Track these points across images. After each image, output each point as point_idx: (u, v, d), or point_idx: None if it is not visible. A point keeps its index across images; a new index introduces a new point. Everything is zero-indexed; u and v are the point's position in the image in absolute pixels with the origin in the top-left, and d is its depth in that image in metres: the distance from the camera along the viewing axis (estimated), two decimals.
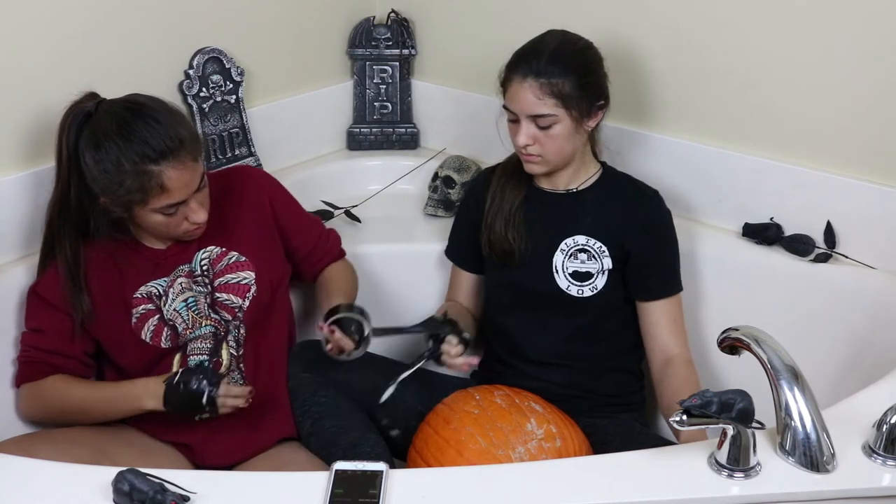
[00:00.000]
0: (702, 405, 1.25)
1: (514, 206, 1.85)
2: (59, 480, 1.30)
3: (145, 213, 1.61)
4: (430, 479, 1.35)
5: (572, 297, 1.82)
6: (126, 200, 1.59)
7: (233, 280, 1.76)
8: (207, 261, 1.76)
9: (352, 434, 1.73)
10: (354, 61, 2.50)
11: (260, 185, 1.87)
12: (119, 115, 1.59)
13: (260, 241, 1.82)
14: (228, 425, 1.74)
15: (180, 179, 1.58)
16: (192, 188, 1.61)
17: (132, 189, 1.57)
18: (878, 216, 1.87)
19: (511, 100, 1.74)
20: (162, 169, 1.56)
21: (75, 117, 1.62)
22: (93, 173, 1.59)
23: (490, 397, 1.73)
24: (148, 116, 1.58)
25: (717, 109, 2.03)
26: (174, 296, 1.73)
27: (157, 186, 1.56)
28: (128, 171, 1.55)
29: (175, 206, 1.61)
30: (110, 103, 1.63)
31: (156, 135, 1.56)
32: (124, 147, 1.55)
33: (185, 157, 1.58)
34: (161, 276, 1.74)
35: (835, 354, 1.87)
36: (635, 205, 1.84)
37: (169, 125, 1.58)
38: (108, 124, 1.58)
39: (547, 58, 1.70)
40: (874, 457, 1.33)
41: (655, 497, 1.28)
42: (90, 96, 1.65)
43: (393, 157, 2.50)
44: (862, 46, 1.82)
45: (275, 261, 1.85)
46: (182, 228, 1.67)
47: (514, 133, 1.75)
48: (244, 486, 1.32)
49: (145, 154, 1.55)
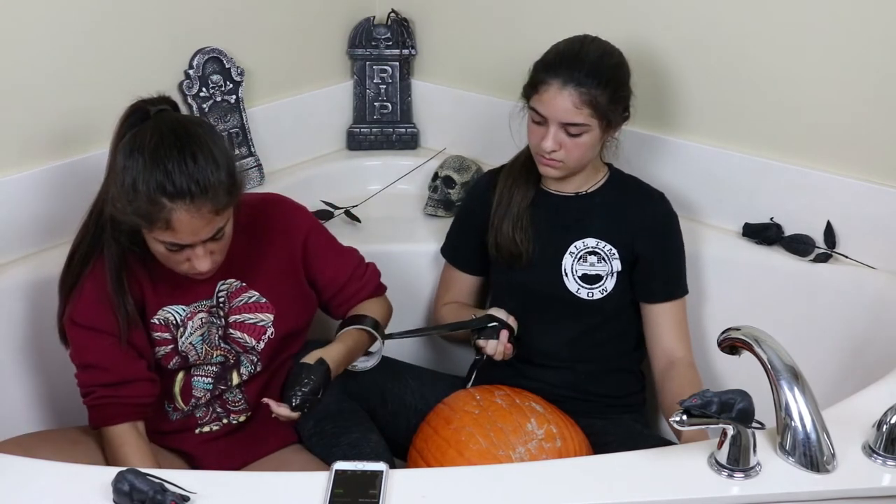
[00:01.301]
0: (702, 405, 1.25)
1: (521, 209, 1.85)
2: (59, 480, 1.29)
3: (149, 238, 1.52)
4: (430, 479, 1.35)
5: (582, 299, 1.82)
6: (131, 220, 1.49)
7: (250, 320, 1.68)
8: (225, 294, 1.67)
9: (353, 434, 1.73)
10: (354, 61, 2.50)
11: (296, 224, 1.74)
12: (164, 133, 1.46)
13: (284, 283, 1.71)
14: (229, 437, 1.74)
15: (189, 224, 1.46)
16: (200, 237, 1.49)
17: (139, 212, 1.46)
18: (878, 216, 1.87)
19: (544, 103, 1.71)
20: (174, 207, 1.44)
21: (131, 115, 1.51)
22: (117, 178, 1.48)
23: (490, 397, 1.73)
24: (187, 150, 1.45)
25: (717, 110, 2.03)
26: (192, 330, 1.65)
27: (163, 221, 1.45)
28: (142, 193, 1.44)
29: (179, 247, 1.50)
30: (166, 116, 1.50)
31: (183, 172, 1.43)
32: (149, 169, 1.43)
33: (202, 206, 1.45)
34: (179, 302, 1.64)
35: (835, 354, 1.87)
36: (643, 207, 1.84)
37: (204, 167, 1.45)
38: (148, 138, 1.45)
39: (588, 68, 1.69)
40: (874, 457, 1.33)
41: (655, 497, 1.28)
42: (160, 99, 1.54)
43: (393, 157, 2.49)
44: (862, 46, 1.82)
45: (297, 304, 1.74)
46: (182, 268, 1.55)
47: (539, 136, 1.74)
48: (244, 486, 1.32)
49: (162, 186, 1.43)
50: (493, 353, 1.76)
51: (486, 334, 1.77)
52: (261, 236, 1.69)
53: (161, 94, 1.55)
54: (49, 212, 1.89)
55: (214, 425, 1.74)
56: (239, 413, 1.74)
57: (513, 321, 1.81)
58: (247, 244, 1.67)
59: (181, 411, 1.71)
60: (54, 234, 1.90)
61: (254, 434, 1.76)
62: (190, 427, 1.73)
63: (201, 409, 1.73)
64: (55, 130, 1.90)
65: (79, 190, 1.92)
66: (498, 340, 1.76)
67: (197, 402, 1.71)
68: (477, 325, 1.79)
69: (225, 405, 1.74)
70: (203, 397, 1.71)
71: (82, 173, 1.92)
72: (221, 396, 1.72)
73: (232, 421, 1.74)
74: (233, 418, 1.74)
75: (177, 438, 1.74)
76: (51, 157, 1.90)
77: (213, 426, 1.74)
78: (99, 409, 1.61)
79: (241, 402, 1.74)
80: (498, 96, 2.23)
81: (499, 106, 2.00)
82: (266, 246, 1.70)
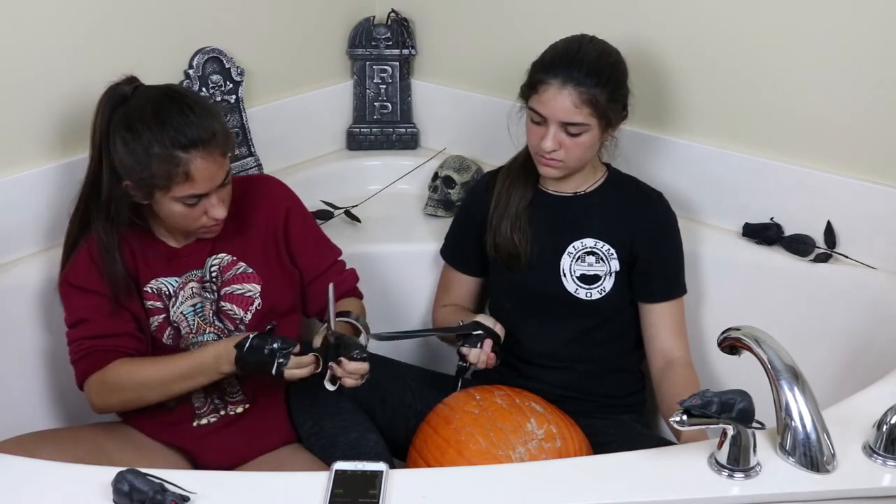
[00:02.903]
0: (702, 405, 1.25)
1: (519, 209, 1.85)
2: (59, 480, 1.30)
3: (166, 200, 1.60)
4: (430, 479, 1.35)
5: (580, 300, 1.82)
6: (150, 185, 1.58)
7: (238, 291, 1.75)
8: (217, 268, 1.74)
9: (352, 434, 1.73)
10: (354, 61, 2.50)
11: (279, 197, 1.83)
12: (156, 99, 1.59)
13: (268, 255, 1.79)
14: (227, 430, 1.75)
15: (206, 171, 1.58)
16: (216, 182, 1.61)
17: (157, 174, 1.56)
18: (878, 216, 1.87)
19: (544, 103, 1.71)
20: (190, 157, 1.56)
21: (110, 99, 1.61)
22: (120, 155, 1.58)
23: (490, 397, 1.73)
24: (184, 105, 1.58)
25: (717, 110, 2.03)
26: (183, 299, 1.72)
27: (182, 174, 1.56)
28: (157, 155, 1.55)
29: (197, 198, 1.60)
30: (147, 88, 1.63)
31: (190, 124, 1.56)
32: (157, 131, 1.55)
33: (214, 150, 1.58)
34: (172, 275, 1.72)
35: (835, 354, 1.87)
36: (642, 207, 1.84)
37: (204, 117, 1.59)
38: (143, 108, 1.57)
39: (588, 67, 1.70)
40: (874, 457, 1.33)
41: (655, 497, 1.28)
42: (129, 80, 1.65)
43: (393, 157, 2.49)
44: (862, 46, 1.82)
45: (282, 279, 1.79)
46: (199, 223, 1.65)
47: (538, 136, 1.74)
48: (244, 486, 1.32)
49: (176, 140, 1.55)
50: (476, 362, 1.76)
51: (471, 342, 1.76)
52: (249, 211, 1.77)
53: (126, 76, 1.65)
54: (50, 212, 1.89)
55: (212, 417, 1.76)
56: (237, 404, 1.77)
57: (500, 329, 1.80)
58: (236, 219, 1.74)
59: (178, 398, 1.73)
60: (55, 234, 1.90)
61: (252, 429, 1.77)
62: (187, 419, 1.75)
63: (199, 397, 1.75)
64: (55, 130, 1.90)
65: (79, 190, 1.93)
66: (481, 349, 1.75)
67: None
68: (462, 331, 1.79)
69: (223, 396, 1.76)
70: None
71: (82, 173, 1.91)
72: (219, 386, 1.74)
73: (230, 412, 1.76)
74: (230, 409, 1.76)
75: (175, 433, 1.75)
76: (51, 156, 1.90)
77: (211, 418, 1.76)
78: (85, 358, 1.67)
79: (238, 392, 1.77)
80: (498, 96, 2.23)
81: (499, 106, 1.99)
82: (252, 220, 1.78)
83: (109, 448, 1.68)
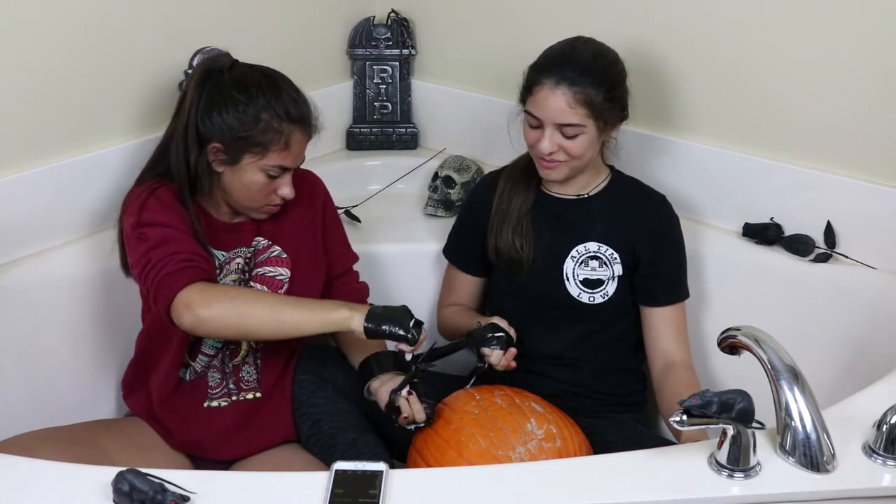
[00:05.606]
0: (702, 405, 1.25)
1: (521, 213, 1.85)
2: (58, 480, 1.29)
3: (251, 168, 1.64)
4: (430, 479, 1.35)
5: (583, 304, 1.82)
6: (243, 148, 1.62)
7: (270, 273, 1.77)
8: (253, 250, 1.77)
9: (350, 434, 1.72)
10: (354, 61, 2.50)
11: (320, 192, 1.89)
12: (268, 73, 1.68)
13: (302, 239, 1.81)
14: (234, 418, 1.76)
15: (299, 147, 1.68)
16: (299, 161, 1.70)
17: (259, 138, 1.62)
18: (878, 216, 1.87)
19: (538, 105, 1.71)
20: (293, 130, 1.65)
21: (209, 70, 1.66)
22: (223, 115, 1.61)
23: (490, 397, 1.73)
24: (292, 85, 1.69)
25: (717, 110, 2.03)
26: (227, 273, 1.74)
27: (283, 143, 1.64)
28: (265, 119, 1.62)
29: (280, 171, 1.66)
30: (247, 65, 1.69)
31: (300, 101, 1.67)
32: (273, 98, 1.63)
33: (309, 131, 1.69)
34: (220, 248, 1.74)
35: (835, 354, 1.87)
36: (645, 210, 1.84)
37: (307, 100, 1.70)
38: (255, 77, 1.65)
39: (582, 67, 1.69)
40: (874, 457, 1.33)
41: (655, 497, 1.28)
42: (226, 55, 1.71)
43: (393, 157, 2.49)
44: (862, 47, 1.82)
45: (312, 265, 1.82)
46: (268, 199, 1.70)
47: (536, 139, 1.73)
48: (244, 486, 1.32)
49: (288, 112, 1.64)
50: (497, 364, 1.74)
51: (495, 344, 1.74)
52: (292, 202, 1.77)
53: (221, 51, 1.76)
54: (50, 211, 1.89)
55: (223, 401, 1.77)
56: (248, 391, 1.79)
57: (513, 332, 1.79)
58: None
59: (192, 369, 1.74)
60: (55, 234, 1.90)
61: (258, 419, 1.78)
62: (199, 397, 1.76)
63: (214, 376, 1.76)
64: (55, 130, 1.90)
65: (79, 189, 1.93)
66: (504, 354, 1.73)
67: (209, 362, 1.74)
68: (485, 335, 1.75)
69: (238, 382, 1.77)
70: (214, 357, 1.74)
71: (83, 173, 1.92)
72: (237, 373, 1.76)
73: (241, 398, 1.78)
74: (242, 395, 1.78)
75: (184, 412, 1.75)
76: (51, 156, 1.90)
77: (222, 402, 1.77)
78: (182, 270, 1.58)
79: (254, 379, 1.78)
80: (498, 96, 2.23)
81: (499, 106, 1.99)
82: (293, 210, 1.80)
83: (109, 448, 1.68)
